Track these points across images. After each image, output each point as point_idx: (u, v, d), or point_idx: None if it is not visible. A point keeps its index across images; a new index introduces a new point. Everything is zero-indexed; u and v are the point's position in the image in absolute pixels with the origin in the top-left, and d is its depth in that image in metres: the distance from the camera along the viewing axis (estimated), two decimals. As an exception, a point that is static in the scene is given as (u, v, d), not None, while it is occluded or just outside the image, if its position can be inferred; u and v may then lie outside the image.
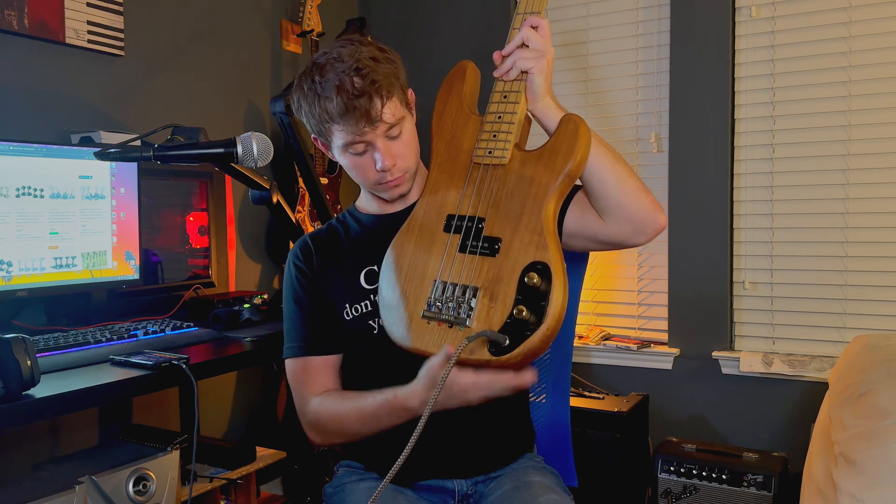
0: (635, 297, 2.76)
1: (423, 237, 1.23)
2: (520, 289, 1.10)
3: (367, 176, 1.31)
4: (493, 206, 1.19)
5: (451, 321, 1.13)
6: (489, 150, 1.22)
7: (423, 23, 3.07)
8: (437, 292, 1.16)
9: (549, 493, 1.27)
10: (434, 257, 1.20)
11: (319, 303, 1.37)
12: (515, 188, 1.18)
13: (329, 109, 1.23)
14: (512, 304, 1.09)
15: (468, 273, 1.16)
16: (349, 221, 1.44)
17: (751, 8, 2.52)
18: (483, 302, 1.12)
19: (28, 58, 1.97)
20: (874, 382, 1.69)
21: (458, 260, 1.18)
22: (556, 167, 1.16)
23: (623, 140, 2.76)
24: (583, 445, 2.30)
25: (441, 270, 1.18)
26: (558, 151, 1.17)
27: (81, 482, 1.51)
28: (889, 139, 2.34)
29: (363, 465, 1.40)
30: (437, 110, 1.32)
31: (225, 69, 2.58)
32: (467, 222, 1.20)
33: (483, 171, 1.22)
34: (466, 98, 1.32)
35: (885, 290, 2.36)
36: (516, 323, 1.09)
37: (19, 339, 1.23)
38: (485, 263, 1.15)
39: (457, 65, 1.35)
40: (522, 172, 1.18)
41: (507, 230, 1.16)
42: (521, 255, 1.13)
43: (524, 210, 1.16)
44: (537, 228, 1.13)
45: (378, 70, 1.23)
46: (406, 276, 1.21)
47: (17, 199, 1.68)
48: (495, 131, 1.23)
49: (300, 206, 2.65)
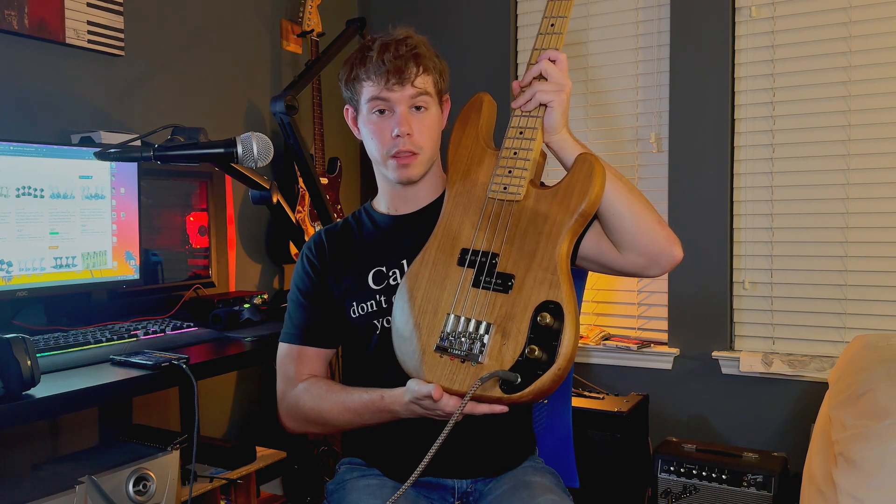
0: (635, 297, 2.76)
1: (436, 269, 1.24)
2: (532, 327, 1.12)
3: (382, 140, 1.32)
4: (507, 242, 1.20)
5: (464, 356, 1.16)
6: (504, 185, 1.23)
7: (424, 23, 3.05)
8: (450, 326, 1.18)
9: (549, 493, 1.27)
10: (447, 291, 1.21)
11: (326, 296, 1.39)
12: (530, 225, 1.19)
13: (367, 64, 1.30)
14: (524, 342, 1.12)
15: (481, 308, 1.18)
16: (364, 219, 1.46)
17: (751, 8, 2.52)
18: (496, 338, 1.15)
19: (28, 58, 1.97)
20: (874, 382, 1.69)
21: (472, 295, 1.19)
22: (571, 206, 1.17)
23: (623, 140, 2.76)
24: (583, 445, 2.29)
25: (454, 304, 1.20)
26: (573, 191, 1.18)
27: (81, 482, 1.51)
28: (889, 139, 2.34)
29: (365, 461, 1.40)
30: (452, 142, 1.33)
31: (225, 69, 2.58)
32: (481, 257, 1.21)
33: (498, 206, 1.23)
34: (482, 131, 1.32)
35: (885, 290, 2.36)
36: (528, 362, 1.11)
37: (19, 339, 1.23)
38: (498, 299, 1.17)
39: (473, 97, 1.36)
40: (537, 209, 1.20)
41: (521, 267, 1.17)
42: (533, 292, 1.14)
43: (538, 248, 1.17)
44: (550, 267, 1.15)
45: (423, 48, 1.33)
46: (420, 308, 1.22)
47: (17, 199, 1.68)
48: (510, 167, 1.23)
49: (300, 206, 2.65)
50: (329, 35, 2.82)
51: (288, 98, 2.31)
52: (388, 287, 1.36)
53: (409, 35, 1.35)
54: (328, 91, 2.78)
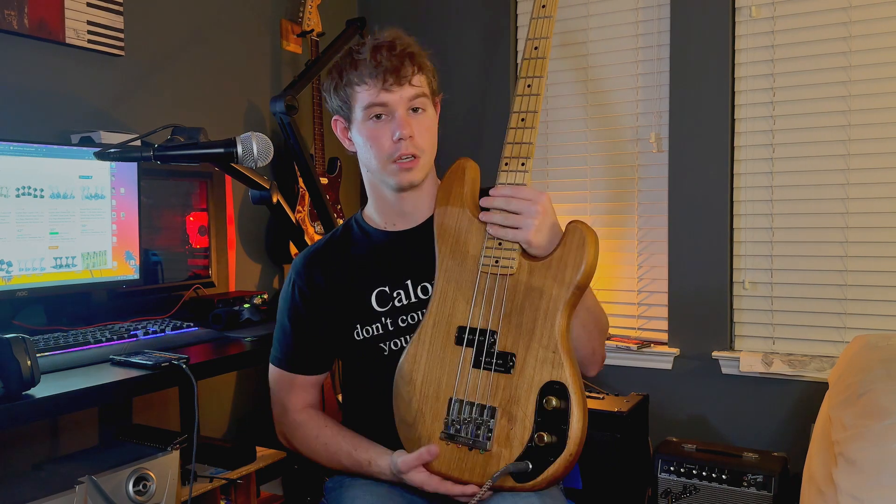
0: (635, 296, 2.76)
1: (434, 349, 1.23)
2: (538, 411, 1.12)
3: (381, 147, 1.27)
4: (504, 319, 1.18)
5: (471, 444, 1.16)
6: (496, 258, 1.20)
7: (424, 23, 3.06)
8: (454, 412, 1.18)
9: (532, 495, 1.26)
10: (448, 373, 1.21)
11: (316, 322, 1.37)
12: (525, 300, 1.17)
13: (360, 67, 1.25)
14: (531, 426, 1.12)
15: (484, 391, 1.17)
16: (355, 233, 1.42)
17: (751, 8, 2.52)
18: (501, 423, 1.14)
19: (28, 58, 1.97)
20: (874, 382, 1.68)
21: (473, 376, 1.18)
22: (566, 280, 1.15)
23: (623, 140, 2.76)
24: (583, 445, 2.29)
25: (456, 388, 1.19)
26: (566, 264, 1.15)
27: (81, 482, 1.51)
28: (889, 139, 2.34)
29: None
30: (437, 213, 1.29)
31: (225, 69, 2.58)
32: (479, 336, 1.20)
33: (491, 280, 1.21)
34: (467, 200, 1.27)
35: (885, 290, 2.36)
36: (538, 449, 1.11)
37: (19, 339, 1.23)
38: (500, 381, 1.16)
39: (454, 164, 1.30)
40: (531, 283, 1.17)
41: (521, 346, 1.16)
42: (536, 373, 1.14)
43: (536, 325, 1.16)
44: (551, 345, 1.14)
45: (416, 48, 1.30)
46: (421, 393, 1.22)
47: (17, 199, 1.68)
48: (500, 240, 1.21)
49: (300, 206, 2.65)
50: (329, 35, 2.82)
51: (288, 98, 2.31)
52: (393, 309, 1.33)
53: (398, 35, 1.30)
54: (328, 91, 2.77)
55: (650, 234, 2.71)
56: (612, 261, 2.79)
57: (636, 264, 2.76)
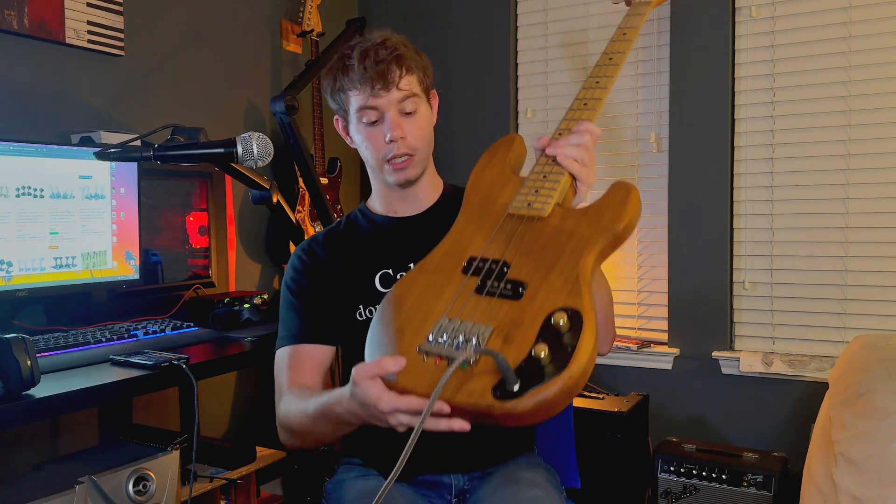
0: (635, 297, 2.76)
1: (436, 277, 1.07)
2: (543, 331, 0.93)
3: (376, 148, 1.32)
4: (522, 254, 1.04)
5: (451, 357, 0.93)
6: (528, 202, 1.10)
7: (424, 23, 3.06)
8: (438, 329, 0.98)
9: (534, 489, 1.27)
10: (445, 298, 1.03)
11: (322, 296, 1.36)
12: (550, 241, 1.05)
13: (350, 73, 1.29)
14: (531, 344, 0.92)
15: (482, 313, 0.98)
16: (359, 220, 1.45)
17: (751, 8, 2.52)
18: (494, 342, 0.93)
19: (28, 58, 1.97)
20: (874, 382, 1.69)
21: (473, 300, 1.01)
22: (602, 224, 1.04)
23: (623, 140, 2.76)
24: (583, 445, 2.29)
25: (449, 308, 1.01)
26: (605, 211, 1.06)
27: (81, 482, 1.51)
28: (889, 139, 2.34)
29: (362, 461, 1.41)
30: (475, 171, 1.23)
31: (225, 69, 2.58)
32: (490, 264, 1.04)
33: (517, 221, 1.09)
34: (511, 162, 1.23)
35: (885, 290, 2.36)
36: (532, 364, 0.90)
37: (19, 339, 1.23)
38: (504, 305, 0.98)
39: (505, 136, 1.28)
40: (562, 227, 1.06)
41: (536, 277, 1.00)
42: (549, 300, 0.96)
43: (558, 260, 1.01)
44: (571, 277, 0.98)
45: (403, 48, 1.31)
46: (407, 315, 1.03)
47: (17, 199, 1.68)
48: (538, 187, 1.11)
49: (300, 206, 2.65)
50: (329, 35, 2.82)
51: (288, 98, 2.31)
52: None
53: (386, 37, 1.32)
54: (328, 91, 2.77)
55: (650, 234, 2.71)
56: (612, 261, 2.77)
57: (636, 264, 2.76)
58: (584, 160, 1.13)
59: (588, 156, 1.13)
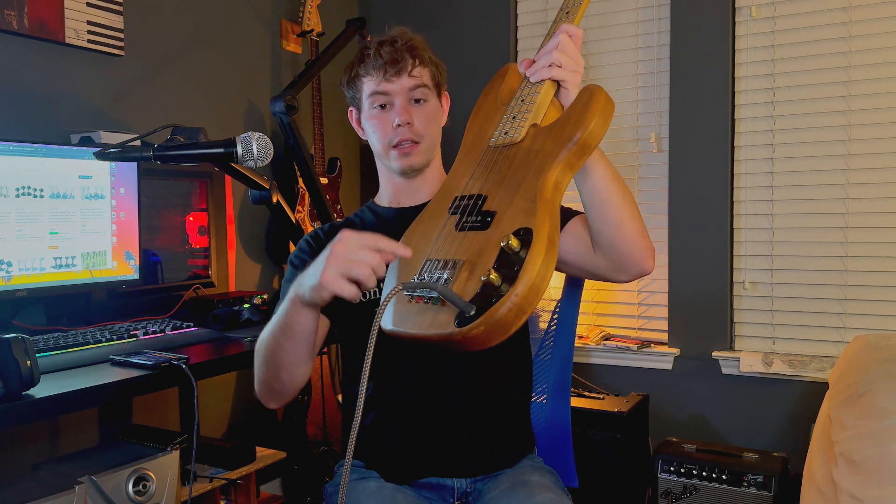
0: (635, 296, 2.76)
1: (430, 222, 1.15)
2: (499, 256, 0.99)
3: (384, 132, 1.36)
4: (496, 183, 1.10)
5: (428, 297, 1.02)
6: (505, 130, 1.15)
7: (424, 23, 3.06)
8: (424, 271, 1.07)
9: (546, 492, 1.27)
10: (432, 241, 1.12)
11: None
12: (521, 164, 1.09)
13: (366, 60, 1.36)
14: (487, 272, 0.97)
15: (457, 248, 1.06)
16: (367, 214, 1.48)
17: (751, 8, 2.52)
18: (462, 275, 1.01)
19: (28, 58, 1.97)
20: (874, 382, 1.69)
21: (452, 238, 1.08)
22: (564, 136, 1.06)
23: (623, 140, 2.76)
24: (583, 445, 2.30)
25: (432, 250, 1.09)
26: (568, 121, 1.08)
27: (81, 482, 1.51)
28: (889, 139, 2.34)
29: (363, 463, 1.40)
30: (473, 111, 1.28)
31: (225, 69, 2.58)
32: (467, 200, 1.12)
33: (495, 152, 1.15)
34: (502, 94, 1.25)
35: (885, 290, 2.36)
36: (485, 290, 0.96)
37: (19, 339, 1.23)
38: (476, 237, 1.05)
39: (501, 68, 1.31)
40: (532, 147, 1.10)
41: (504, 203, 1.06)
42: (508, 224, 1.02)
43: (524, 182, 1.06)
44: (530, 196, 1.03)
45: (420, 44, 1.38)
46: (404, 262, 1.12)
47: (17, 199, 1.68)
48: (515, 113, 1.16)
49: (300, 206, 2.65)
50: (329, 35, 2.82)
51: (288, 98, 2.31)
52: None
53: (404, 32, 1.40)
54: (328, 91, 2.78)
55: (650, 234, 2.71)
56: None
57: (636, 264, 2.75)
58: (562, 61, 1.12)
59: (565, 57, 1.12)
